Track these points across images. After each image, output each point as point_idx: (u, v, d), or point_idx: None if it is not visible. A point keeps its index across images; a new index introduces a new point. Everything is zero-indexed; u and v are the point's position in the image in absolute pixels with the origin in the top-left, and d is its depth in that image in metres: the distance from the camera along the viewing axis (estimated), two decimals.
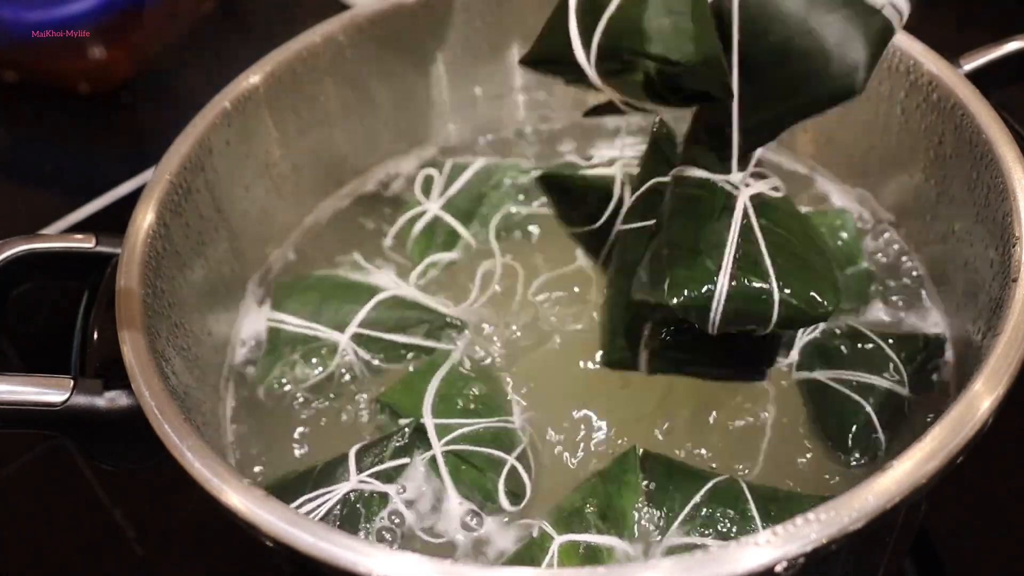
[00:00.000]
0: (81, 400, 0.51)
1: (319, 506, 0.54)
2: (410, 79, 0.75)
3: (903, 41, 0.63)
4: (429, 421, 0.57)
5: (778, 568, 0.40)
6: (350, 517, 0.54)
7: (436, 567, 0.41)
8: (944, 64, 0.61)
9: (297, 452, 0.60)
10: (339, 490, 0.54)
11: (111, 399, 0.51)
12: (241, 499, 0.44)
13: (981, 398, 0.45)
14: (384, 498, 0.55)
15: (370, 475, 0.55)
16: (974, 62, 0.63)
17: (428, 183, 0.72)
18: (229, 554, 0.67)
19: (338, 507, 0.54)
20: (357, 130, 0.75)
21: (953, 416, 0.44)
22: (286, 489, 0.55)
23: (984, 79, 0.61)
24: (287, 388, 0.62)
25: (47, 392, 0.51)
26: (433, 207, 0.71)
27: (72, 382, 0.51)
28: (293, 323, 0.64)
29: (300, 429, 0.61)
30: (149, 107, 1.03)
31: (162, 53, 1.06)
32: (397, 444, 0.57)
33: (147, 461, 0.52)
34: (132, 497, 0.72)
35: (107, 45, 0.99)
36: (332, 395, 0.62)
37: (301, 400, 0.62)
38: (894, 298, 0.64)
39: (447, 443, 0.56)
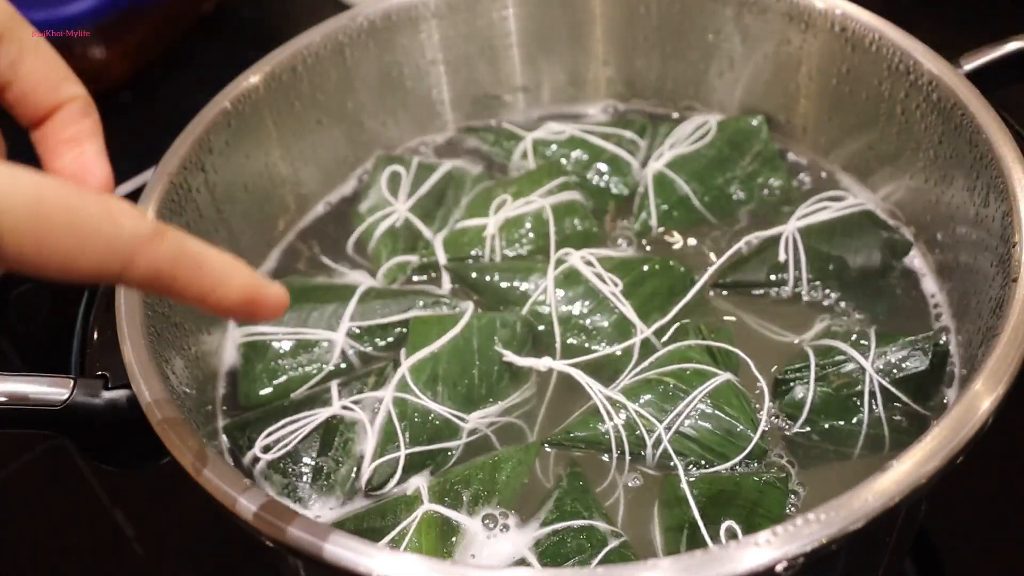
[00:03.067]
0: (81, 400, 0.51)
1: (299, 428, 0.58)
2: (410, 79, 0.75)
3: (903, 41, 0.63)
4: (404, 366, 0.59)
5: (778, 568, 0.40)
6: (326, 439, 0.58)
7: (436, 567, 0.41)
8: (944, 64, 0.61)
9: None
10: (321, 414, 0.58)
11: (111, 399, 0.51)
12: (241, 499, 0.44)
13: (981, 398, 0.45)
14: (355, 426, 0.58)
15: (352, 402, 0.59)
16: (974, 62, 0.63)
17: (395, 181, 0.72)
18: (229, 554, 0.67)
19: (319, 431, 0.58)
20: (357, 130, 0.75)
21: (953, 416, 0.44)
22: (262, 419, 0.58)
23: (984, 79, 0.61)
24: (280, 398, 0.62)
25: (47, 392, 0.51)
26: (402, 208, 0.70)
27: (72, 382, 0.51)
28: (276, 332, 0.63)
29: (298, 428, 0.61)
30: (149, 107, 1.03)
31: (162, 53, 1.06)
32: (375, 379, 0.60)
33: (147, 462, 0.52)
34: (132, 497, 0.72)
35: (107, 45, 0.99)
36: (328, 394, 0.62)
37: (297, 404, 0.62)
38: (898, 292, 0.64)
39: (397, 400, 0.58)
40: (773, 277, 0.64)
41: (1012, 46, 0.64)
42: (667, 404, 0.56)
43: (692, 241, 0.69)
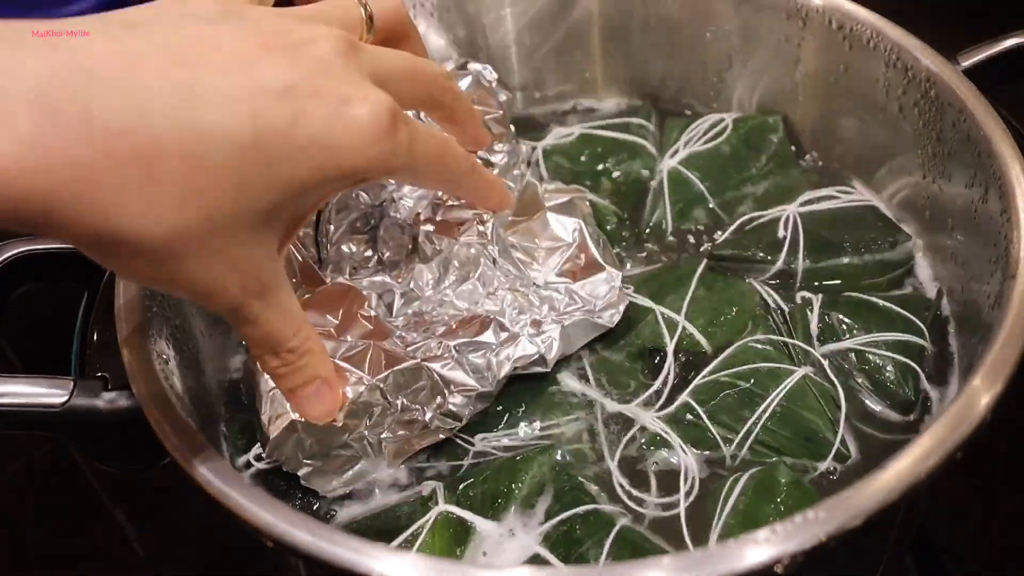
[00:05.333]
0: (81, 401, 0.51)
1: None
2: None
3: (901, 38, 0.63)
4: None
5: (777, 566, 0.40)
6: None
7: (436, 566, 0.41)
8: (942, 61, 0.61)
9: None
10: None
11: (111, 400, 0.51)
12: (241, 499, 0.44)
13: (980, 394, 0.45)
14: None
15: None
16: (972, 59, 0.63)
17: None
18: (229, 554, 0.67)
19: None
20: None
21: (952, 412, 0.44)
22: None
23: (982, 76, 0.61)
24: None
25: (47, 393, 0.51)
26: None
27: (72, 383, 0.51)
28: None
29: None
30: None
31: None
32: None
33: (147, 462, 0.52)
34: (132, 497, 0.72)
35: None
36: None
37: None
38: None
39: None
40: (766, 255, 0.64)
41: (1010, 43, 0.64)
42: (743, 409, 0.56)
43: (705, 239, 0.68)
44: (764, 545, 0.40)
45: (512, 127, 0.67)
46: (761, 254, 0.64)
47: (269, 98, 0.39)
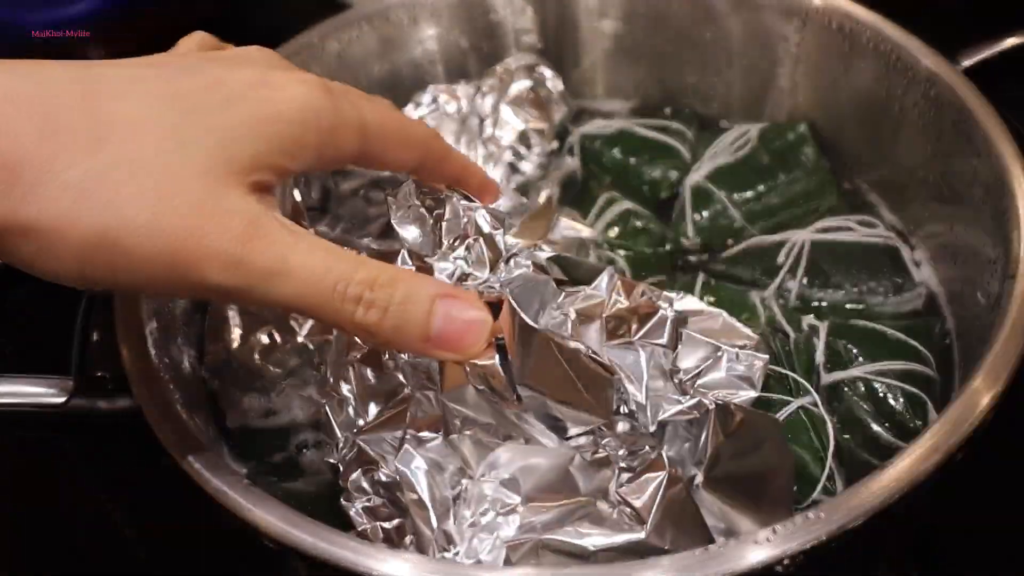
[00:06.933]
0: (81, 401, 0.51)
1: None
2: (409, 79, 0.75)
3: (901, 38, 0.63)
4: None
5: (778, 566, 0.40)
6: None
7: (435, 567, 0.41)
8: (942, 61, 0.61)
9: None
10: None
11: (111, 400, 0.51)
12: (241, 499, 0.44)
13: (980, 394, 0.45)
14: None
15: None
16: (972, 59, 0.63)
17: None
18: (229, 554, 0.67)
19: None
20: None
21: (952, 412, 0.44)
22: None
23: (983, 76, 0.61)
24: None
25: (47, 393, 0.51)
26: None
27: (72, 383, 0.51)
28: None
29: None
30: None
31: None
32: None
33: (147, 462, 0.52)
34: (132, 497, 0.72)
35: (107, 46, 0.99)
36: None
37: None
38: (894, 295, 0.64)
39: None
40: (760, 277, 0.64)
41: (1010, 43, 0.64)
42: None
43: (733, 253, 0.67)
44: (764, 545, 0.40)
45: (555, 143, 0.67)
46: (758, 277, 0.64)
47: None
